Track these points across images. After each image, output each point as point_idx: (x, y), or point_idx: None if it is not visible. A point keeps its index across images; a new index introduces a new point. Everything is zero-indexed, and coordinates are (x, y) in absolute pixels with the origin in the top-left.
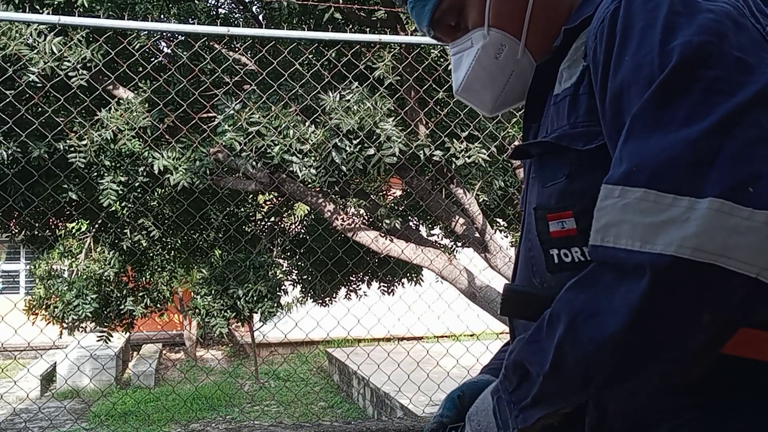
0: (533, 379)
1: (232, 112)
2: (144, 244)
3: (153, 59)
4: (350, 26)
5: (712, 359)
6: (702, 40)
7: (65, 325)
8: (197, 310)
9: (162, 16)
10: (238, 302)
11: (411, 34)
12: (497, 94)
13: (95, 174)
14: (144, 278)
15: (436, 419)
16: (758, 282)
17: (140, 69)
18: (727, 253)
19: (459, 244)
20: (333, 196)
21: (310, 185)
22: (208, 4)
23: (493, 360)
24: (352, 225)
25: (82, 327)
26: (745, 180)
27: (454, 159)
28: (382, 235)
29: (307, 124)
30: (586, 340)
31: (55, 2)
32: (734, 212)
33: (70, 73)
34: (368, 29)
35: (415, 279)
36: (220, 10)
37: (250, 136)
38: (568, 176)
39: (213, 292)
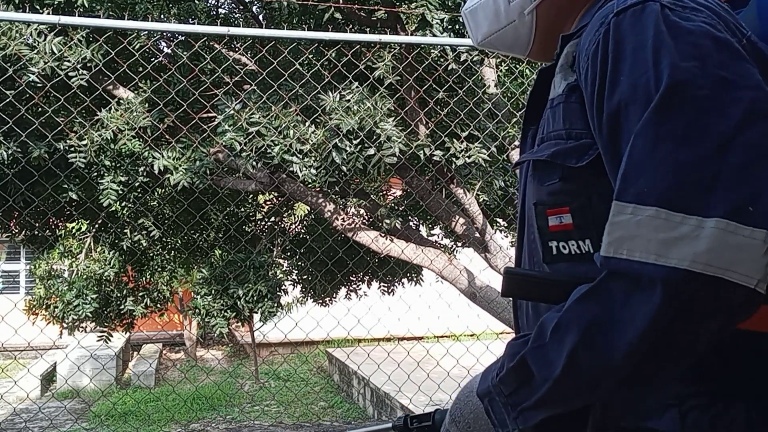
0: (536, 383)
1: (232, 112)
2: (144, 244)
3: (153, 59)
4: (350, 26)
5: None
6: (685, 66)
7: (65, 325)
8: (197, 310)
9: (162, 16)
10: (238, 302)
11: (411, 34)
12: (491, 32)
13: (95, 174)
14: (144, 278)
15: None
16: (755, 291)
17: (140, 69)
18: (732, 267)
19: (459, 244)
20: (333, 196)
21: (310, 185)
22: (208, 4)
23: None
24: (352, 225)
25: (82, 327)
26: (745, 200)
27: (454, 159)
28: (382, 235)
29: (307, 124)
30: (602, 347)
31: (55, 2)
32: (738, 231)
33: (70, 73)
34: (368, 29)
35: (415, 279)
36: (220, 10)
37: (250, 136)
38: (562, 179)
39: (213, 292)
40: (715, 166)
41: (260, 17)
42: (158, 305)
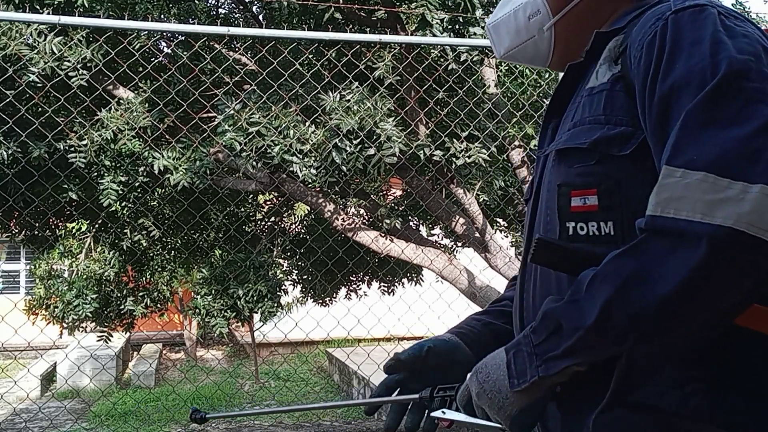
0: (566, 333)
1: (232, 112)
2: (144, 244)
3: (153, 59)
4: (350, 26)
5: (719, 333)
6: (743, 58)
7: (65, 325)
8: (197, 310)
9: (162, 16)
10: (238, 302)
11: (411, 34)
12: (513, 46)
13: (95, 174)
14: (144, 278)
15: (393, 357)
16: None
17: (140, 69)
18: None
19: (459, 244)
20: (333, 196)
21: (310, 185)
22: (208, 4)
23: (463, 324)
24: (352, 225)
25: (82, 327)
26: None
27: (454, 159)
28: (382, 235)
29: (307, 124)
30: (636, 299)
31: (55, 2)
32: None
33: (70, 73)
34: (368, 29)
35: (415, 279)
36: (220, 10)
37: (250, 136)
38: (597, 163)
39: (213, 292)
40: (760, 141)
41: (260, 17)
42: (158, 305)
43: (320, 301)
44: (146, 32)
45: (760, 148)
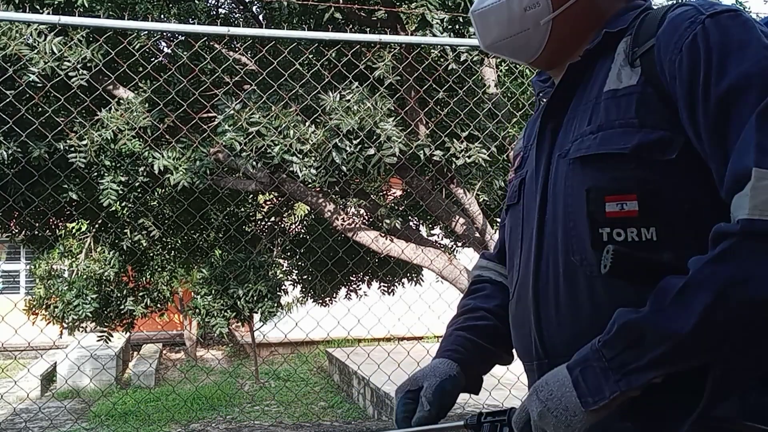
0: (650, 343)
1: (232, 112)
2: (144, 244)
3: (153, 59)
4: (350, 26)
5: None
6: None
7: (65, 325)
8: (197, 310)
9: (162, 16)
10: (238, 302)
11: (411, 34)
12: (501, 38)
13: (95, 174)
14: (144, 278)
15: (422, 411)
16: None
17: (140, 69)
18: None
19: (459, 244)
20: (333, 196)
21: (310, 185)
22: (208, 4)
23: (458, 346)
24: (352, 225)
25: (82, 327)
26: None
27: (454, 159)
28: (382, 235)
29: (307, 124)
30: (738, 304)
31: (55, 2)
32: None
33: (70, 73)
34: (368, 29)
35: (415, 279)
36: (220, 10)
37: (250, 136)
38: (636, 167)
39: (213, 292)
40: None
41: (260, 17)
42: (158, 305)
43: (320, 301)
44: (146, 32)
45: None
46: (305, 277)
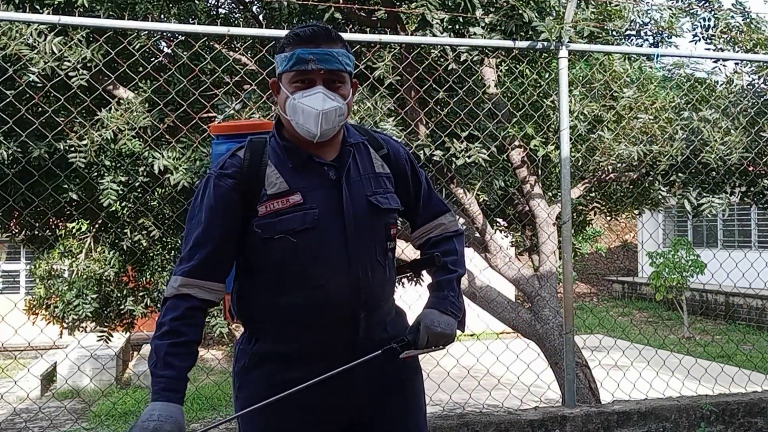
0: (456, 289)
1: (232, 112)
2: (144, 244)
3: (153, 59)
4: (350, 26)
5: None
6: None
7: (65, 325)
8: None
9: (162, 16)
10: None
11: (411, 34)
12: (327, 130)
13: (95, 174)
14: (144, 278)
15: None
16: None
17: (140, 69)
18: None
19: None
20: None
21: None
22: (208, 4)
23: (177, 386)
24: None
25: (82, 327)
26: None
27: (454, 159)
28: None
29: None
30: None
31: (55, 2)
32: None
33: (70, 73)
34: (368, 29)
35: (415, 279)
36: (220, 10)
37: None
38: (396, 212)
39: None
40: None
41: (260, 17)
42: (158, 305)
43: None
44: (146, 32)
45: None
46: None
